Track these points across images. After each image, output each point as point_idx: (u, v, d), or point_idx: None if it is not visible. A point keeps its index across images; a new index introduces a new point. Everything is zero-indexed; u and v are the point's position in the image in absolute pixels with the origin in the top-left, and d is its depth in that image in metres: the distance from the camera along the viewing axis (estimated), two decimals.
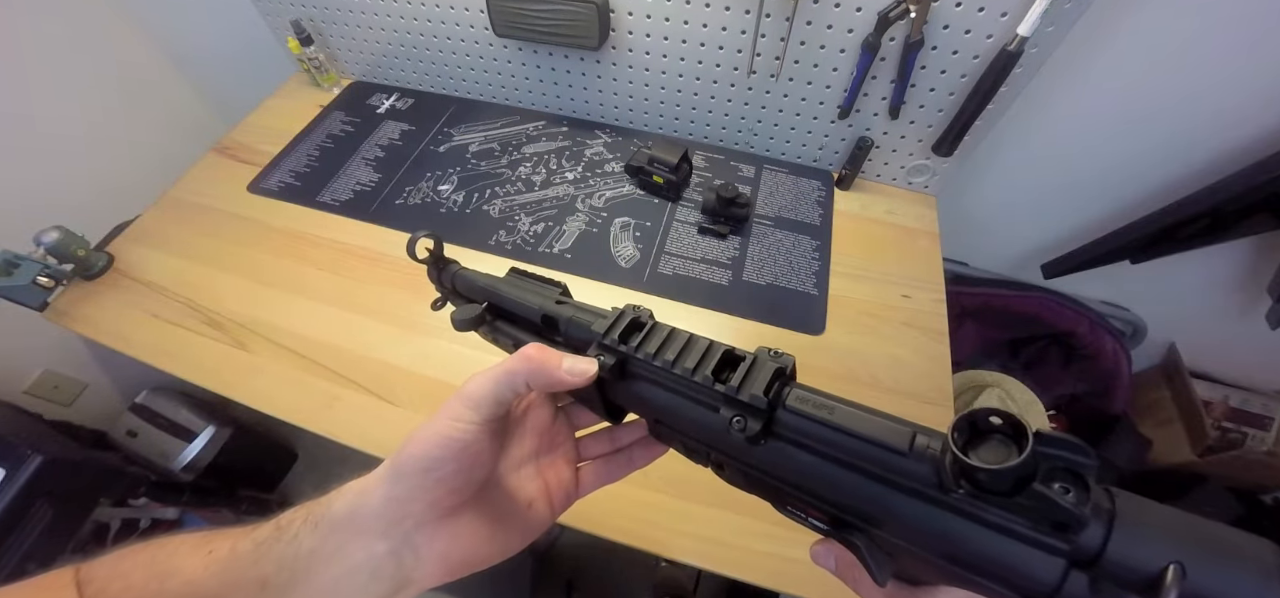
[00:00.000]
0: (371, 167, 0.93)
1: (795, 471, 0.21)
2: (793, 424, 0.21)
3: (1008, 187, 0.93)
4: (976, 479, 0.16)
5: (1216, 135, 0.75)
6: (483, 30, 0.90)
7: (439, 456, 0.23)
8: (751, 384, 0.21)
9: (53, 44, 1.02)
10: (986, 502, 0.16)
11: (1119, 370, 1.03)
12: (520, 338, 0.32)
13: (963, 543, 0.17)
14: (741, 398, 0.21)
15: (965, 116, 0.74)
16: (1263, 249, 0.85)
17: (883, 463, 0.19)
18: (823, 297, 0.76)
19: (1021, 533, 0.16)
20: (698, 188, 0.88)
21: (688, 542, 0.57)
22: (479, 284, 0.34)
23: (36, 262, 0.73)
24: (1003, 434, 0.16)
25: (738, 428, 0.20)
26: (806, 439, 0.20)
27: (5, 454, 0.82)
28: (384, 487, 0.24)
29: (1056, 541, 0.15)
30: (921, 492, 0.18)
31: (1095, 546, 0.15)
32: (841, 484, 0.20)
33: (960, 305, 1.05)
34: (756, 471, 0.22)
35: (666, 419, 0.25)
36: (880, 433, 0.19)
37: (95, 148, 1.10)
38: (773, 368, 0.21)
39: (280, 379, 0.68)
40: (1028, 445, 0.15)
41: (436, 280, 0.38)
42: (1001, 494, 0.16)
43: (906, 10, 0.66)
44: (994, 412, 0.16)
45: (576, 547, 1.31)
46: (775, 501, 0.24)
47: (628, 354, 0.25)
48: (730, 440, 0.22)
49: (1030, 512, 0.16)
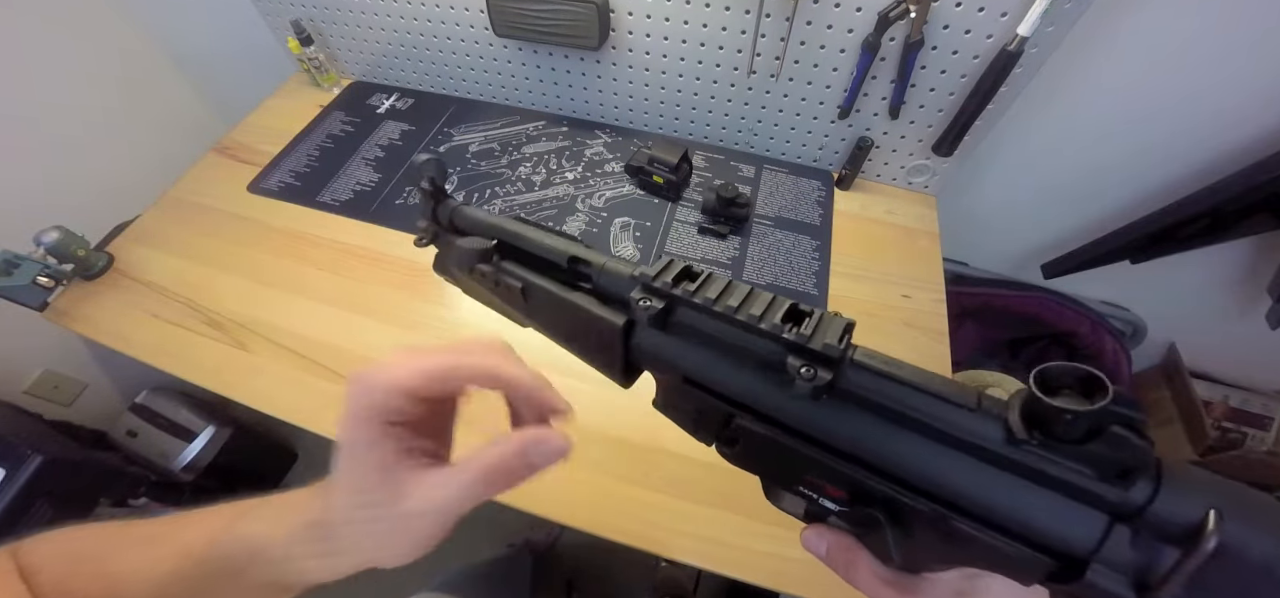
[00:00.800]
0: (371, 166, 0.93)
1: (851, 431, 0.21)
2: (859, 380, 0.20)
3: (1008, 186, 0.93)
4: (1054, 426, 0.16)
5: (1216, 135, 0.75)
6: (483, 30, 0.90)
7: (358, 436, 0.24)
8: (822, 334, 0.20)
9: (53, 44, 1.02)
10: (1055, 452, 0.17)
11: (1119, 370, 1.03)
12: (532, 282, 0.29)
13: (1016, 503, 0.18)
14: (813, 347, 0.20)
15: (965, 116, 0.74)
16: (1263, 249, 0.85)
17: (948, 420, 0.19)
18: (823, 297, 0.76)
19: (1080, 486, 0.16)
20: (698, 188, 0.88)
21: (688, 542, 0.57)
22: (486, 221, 0.32)
23: (36, 262, 0.73)
24: (1071, 390, 0.17)
25: (806, 378, 0.19)
26: (872, 395, 0.20)
27: (5, 454, 0.82)
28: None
29: (1114, 492, 0.16)
30: (985, 450, 0.18)
31: (1144, 498, 0.16)
32: (898, 446, 0.20)
33: (960, 305, 1.05)
34: (799, 434, 0.22)
35: (701, 376, 0.24)
36: (948, 390, 0.19)
37: (95, 148, 1.10)
38: (841, 323, 0.21)
39: (280, 379, 0.68)
40: (1108, 392, 0.15)
41: (430, 214, 0.35)
42: (1073, 442, 0.16)
43: (906, 10, 0.66)
44: (1065, 366, 0.17)
45: (576, 547, 1.31)
46: (785, 478, 0.24)
47: (681, 298, 0.23)
48: (783, 398, 0.21)
49: (1098, 460, 0.16)
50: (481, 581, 0.82)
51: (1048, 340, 1.07)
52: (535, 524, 1.29)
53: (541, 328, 0.31)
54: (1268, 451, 1.01)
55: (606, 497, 0.59)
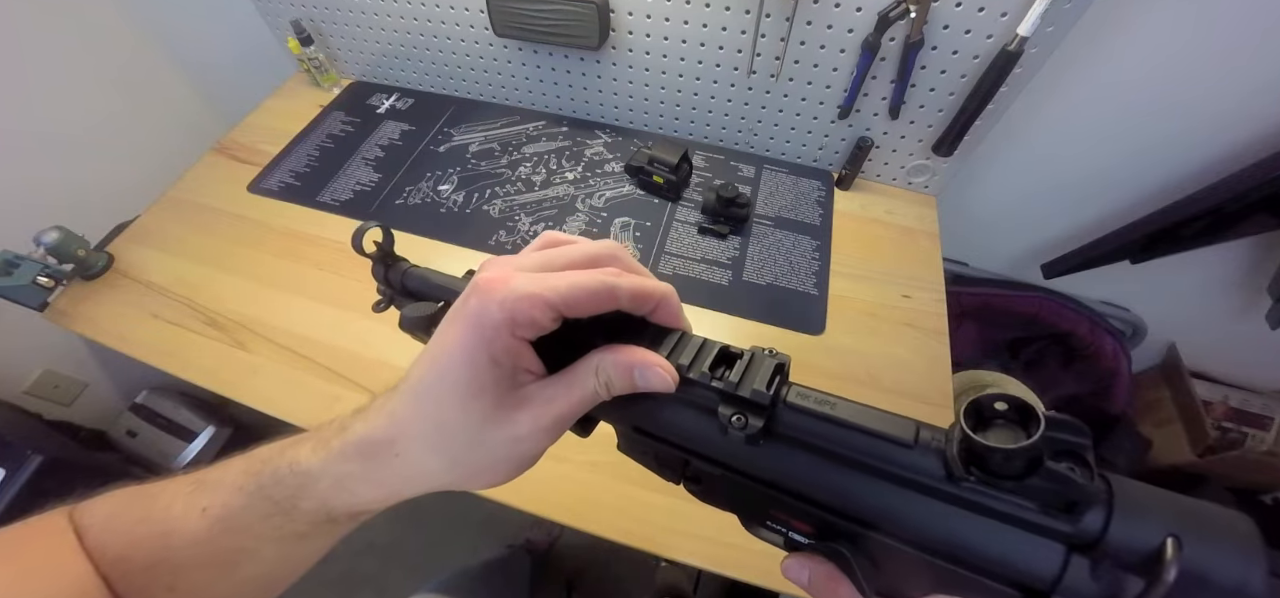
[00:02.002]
0: (371, 167, 0.93)
1: (792, 472, 0.20)
2: (793, 422, 0.20)
3: (1008, 186, 0.93)
4: (990, 464, 0.16)
5: (1216, 135, 0.75)
6: (483, 30, 0.90)
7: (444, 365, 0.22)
8: (751, 380, 0.20)
9: (53, 44, 1.02)
10: (996, 488, 0.16)
11: (1119, 370, 1.03)
12: None
13: (966, 537, 0.17)
14: (741, 394, 0.20)
15: (965, 117, 0.74)
16: (1263, 249, 0.85)
17: (886, 457, 0.18)
18: (823, 297, 0.76)
19: (1028, 520, 0.16)
20: (698, 188, 0.88)
21: (688, 542, 0.57)
22: (433, 282, 0.32)
23: (36, 262, 0.73)
24: (1007, 419, 0.16)
25: (738, 426, 0.19)
26: (807, 437, 0.20)
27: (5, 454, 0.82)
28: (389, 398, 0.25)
29: (1063, 524, 0.15)
30: (926, 486, 0.18)
31: (1097, 528, 0.15)
32: (841, 485, 0.19)
33: (960, 305, 1.05)
34: (747, 476, 0.22)
35: (646, 425, 0.24)
36: (884, 426, 0.19)
37: (95, 148, 1.10)
38: (772, 364, 0.21)
39: (280, 379, 0.68)
40: (1041, 426, 0.15)
41: (382, 278, 0.34)
42: (1013, 477, 0.16)
43: (906, 10, 0.66)
44: (999, 396, 0.16)
45: (576, 547, 1.31)
46: (754, 514, 0.23)
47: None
48: (725, 443, 0.21)
49: (1041, 494, 0.16)
50: (481, 581, 0.82)
51: (1047, 340, 1.07)
52: (535, 524, 1.29)
53: None
54: (1267, 450, 1.01)
55: (606, 497, 0.59)
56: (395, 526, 1.34)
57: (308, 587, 1.12)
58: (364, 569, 1.28)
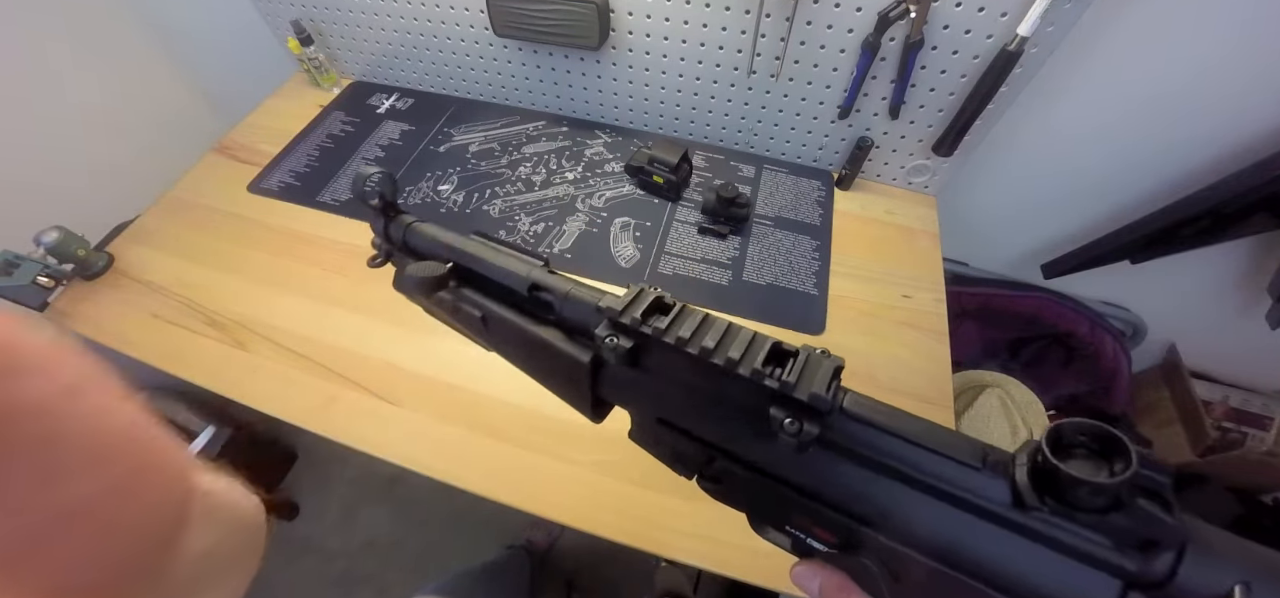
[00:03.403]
0: (372, 167, 0.92)
1: (838, 483, 0.19)
2: (849, 431, 0.19)
3: (1008, 186, 0.93)
4: (1072, 496, 0.15)
5: (1216, 135, 0.75)
6: (483, 30, 0.90)
7: None
8: (809, 382, 0.18)
9: (53, 45, 1.02)
10: (1070, 520, 0.15)
11: (1119, 370, 1.03)
12: (491, 310, 0.27)
13: (1022, 567, 0.16)
14: (799, 397, 0.18)
15: (965, 117, 0.74)
16: (1263, 249, 0.85)
17: (949, 478, 0.17)
18: (823, 297, 0.76)
19: (1093, 554, 0.15)
20: (698, 188, 0.88)
21: (688, 542, 0.57)
22: (442, 241, 0.30)
23: (36, 262, 0.73)
24: (1088, 449, 0.15)
25: (790, 430, 0.18)
26: (862, 448, 0.19)
27: None
28: None
29: (1131, 562, 0.15)
30: (986, 510, 0.17)
31: (1166, 569, 0.14)
32: (891, 502, 0.18)
33: (960, 305, 1.05)
34: (783, 481, 0.20)
35: (675, 418, 0.22)
36: (952, 446, 0.17)
37: (95, 148, 1.10)
38: (831, 367, 0.19)
39: (280, 379, 0.68)
40: (1132, 462, 0.14)
41: (381, 232, 0.32)
42: (1093, 512, 0.15)
43: (906, 10, 0.66)
44: (1080, 424, 0.15)
45: (576, 547, 1.31)
46: (772, 517, 0.22)
47: (652, 337, 0.21)
48: (765, 446, 0.20)
49: (1118, 531, 0.15)
50: (481, 582, 0.82)
51: (1047, 340, 1.07)
52: (535, 525, 1.29)
53: (506, 356, 0.29)
54: (1267, 451, 1.00)
55: (606, 497, 0.59)
56: (395, 526, 1.34)
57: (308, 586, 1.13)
58: (364, 569, 1.28)
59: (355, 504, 1.37)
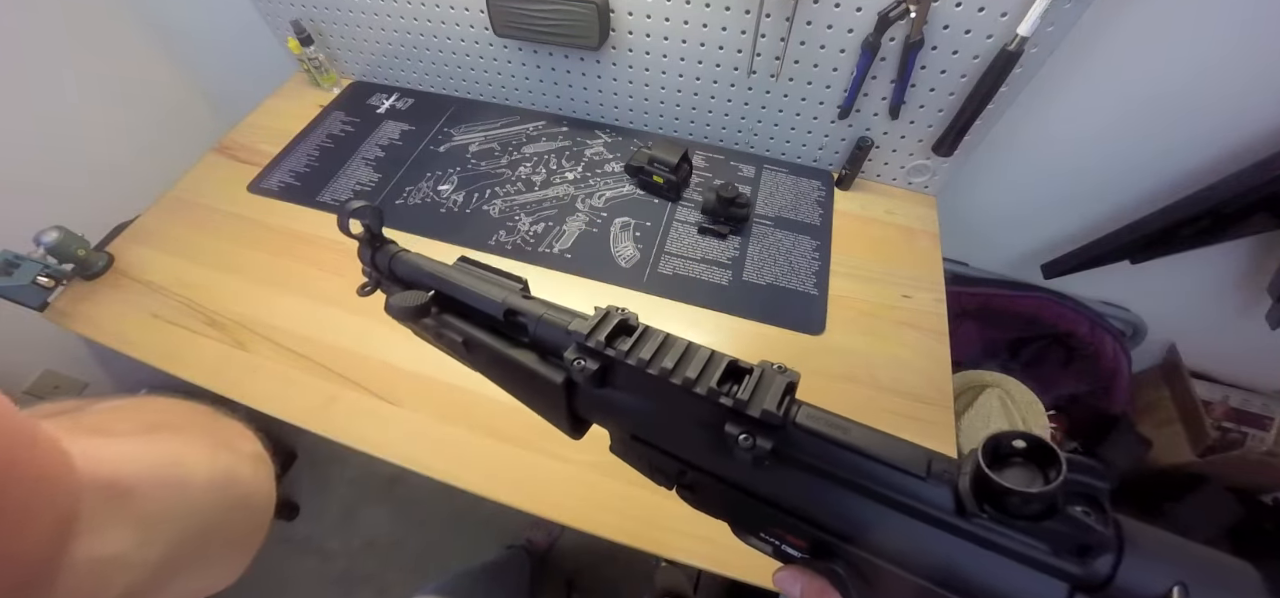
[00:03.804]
0: (371, 167, 0.93)
1: (796, 494, 0.20)
2: (803, 443, 0.20)
3: (1008, 186, 0.93)
4: (1006, 504, 0.16)
5: (1216, 135, 0.75)
6: (483, 30, 0.90)
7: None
8: (762, 398, 0.19)
9: (53, 45, 1.02)
10: (1008, 527, 0.16)
11: (1119, 370, 1.03)
12: (472, 335, 0.28)
13: (970, 571, 0.17)
14: (751, 413, 0.19)
15: (965, 116, 0.74)
16: (1263, 249, 0.85)
17: (897, 487, 0.18)
18: (823, 297, 0.76)
19: (1036, 559, 0.16)
20: (698, 188, 0.88)
21: (688, 542, 0.57)
22: (425, 269, 0.31)
23: (36, 262, 0.73)
24: (1025, 458, 0.16)
25: (745, 446, 0.19)
26: (815, 460, 0.19)
27: None
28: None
29: (1072, 566, 0.15)
30: (934, 518, 0.17)
31: (1105, 572, 0.15)
32: (846, 510, 0.19)
33: (960, 305, 1.05)
34: (747, 492, 0.21)
35: (645, 434, 0.24)
36: (897, 455, 0.18)
37: (95, 148, 1.10)
38: (783, 383, 0.20)
39: (280, 379, 0.68)
40: (1062, 471, 0.15)
41: (369, 262, 0.33)
42: (1028, 518, 0.16)
43: (906, 10, 0.66)
44: (1018, 435, 0.16)
45: (577, 547, 1.31)
46: (748, 525, 0.23)
47: (615, 359, 0.22)
48: (727, 461, 0.21)
49: (1054, 537, 0.16)
50: (481, 582, 0.82)
51: (1047, 340, 1.07)
52: (535, 524, 1.29)
53: (489, 377, 0.30)
54: (1267, 451, 1.00)
55: (607, 497, 0.59)
56: (395, 526, 1.34)
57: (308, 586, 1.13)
58: (364, 569, 1.28)
59: (355, 504, 1.37)
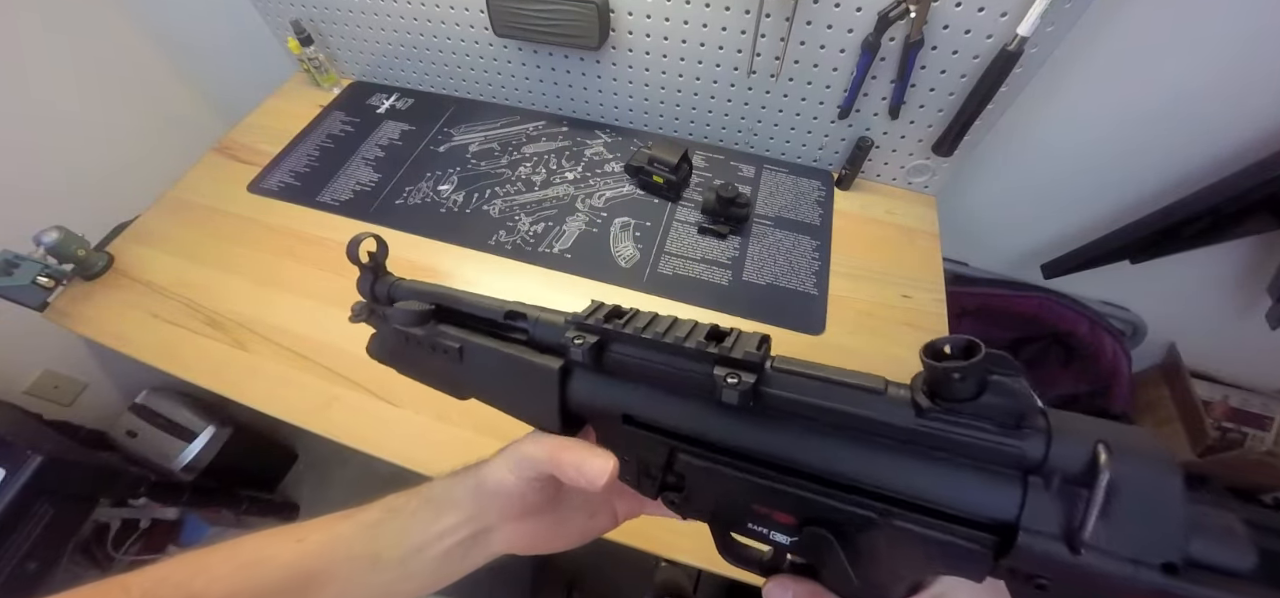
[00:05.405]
0: (371, 167, 0.93)
1: (778, 441, 0.22)
2: (780, 381, 0.22)
3: (1008, 186, 0.93)
4: (948, 387, 0.18)
5: (1217, 135, 0.75)
6: (483, 30, 0.90)
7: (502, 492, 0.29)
8: (743, 346, 0.22)
9: (53, 44, 1.02)
10: (957, 414, 0.18)
11: (1119, 370, 1.02)
12: (468, 341, 0.30)
13: (939, 487, 0.19)
14: (735, 356, 0.22)
15: (965, 116, 0.74)
16: (1263, 249, 0.85)
17: (865, 405, 0.20)
18: (823, 297, 0.76)
19: (988, 444, 0.18)
20: (698, 188, 0.88)
21: (688, 542, 0.57)
22: (424, 288, 0.32)
23: (36, 262, 0.73)
24: (955, 356, 0.18)
25: (732, 385, 0.21)
26: (793, 396, 0.22)
27: (5, 454, 0.82)
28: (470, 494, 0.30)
29: (1013, 440, 0.18)
30: (900, 435, 0.20)
31: (1041, 451, 0.18)
32: (825, 448, 0.21)
33: (960, 305, 1.05)
34: (734, 454, 0.23)
35: (637, 412, 0.25)
36: (858, 378, 0.21)
37: (95, 148, 1.10)
38: (758, 337, 0.23)
39: (280, 379, 0.68)
40: (982, 349, 0.17)
41: (367, 290, 0.35)
42: (968, 398, 0.18)
43: (906, 10, 0.66)
44: (947, 339, 0.18)
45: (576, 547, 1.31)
46: (735, 516, 0.25)
47: (613, 331, 0.25)
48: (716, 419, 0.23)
49: (993, 412, 0.18)
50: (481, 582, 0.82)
51: (1047, 340, 1.07)
52: None
53: (479, 392, 0.32)
54: (1267, 451, 1.00)
55: None
56: None
57: None
58: None
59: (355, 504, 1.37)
